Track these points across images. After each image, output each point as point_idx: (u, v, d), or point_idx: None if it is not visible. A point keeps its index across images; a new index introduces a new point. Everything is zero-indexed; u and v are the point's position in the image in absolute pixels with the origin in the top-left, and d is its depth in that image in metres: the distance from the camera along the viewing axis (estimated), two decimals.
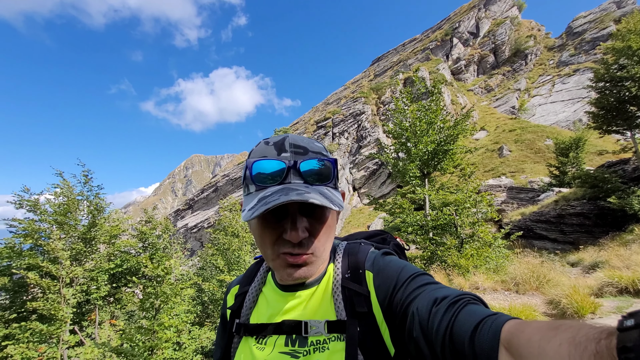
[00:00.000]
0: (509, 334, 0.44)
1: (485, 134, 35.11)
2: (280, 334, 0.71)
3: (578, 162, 19.06)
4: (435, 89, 10.85)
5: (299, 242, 0.66)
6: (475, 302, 0.55)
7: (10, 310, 7.36)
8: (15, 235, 7.69)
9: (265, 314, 0.76)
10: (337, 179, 0.73)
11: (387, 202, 11.32)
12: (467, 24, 52.66)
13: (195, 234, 44.45)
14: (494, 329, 0.46)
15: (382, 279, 0.70)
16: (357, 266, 0.75)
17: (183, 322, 5.85)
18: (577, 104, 34.68)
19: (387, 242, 0.96)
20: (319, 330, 0.68)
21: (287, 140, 0.70)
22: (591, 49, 41.58)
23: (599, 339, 0.33)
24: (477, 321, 0.49)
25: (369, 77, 57.83)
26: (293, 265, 0.67)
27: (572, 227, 13.28)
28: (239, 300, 0.82)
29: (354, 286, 0.71)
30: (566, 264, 9.94)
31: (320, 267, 0.74)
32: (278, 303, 0.75)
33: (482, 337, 0.47)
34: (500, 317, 0.48)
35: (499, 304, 5.05)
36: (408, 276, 0.66)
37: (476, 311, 0.52)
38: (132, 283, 8.99)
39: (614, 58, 13.31)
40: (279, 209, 0.66)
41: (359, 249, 0.80)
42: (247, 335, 0.75)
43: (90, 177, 9.01)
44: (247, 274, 0.89)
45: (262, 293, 0.81)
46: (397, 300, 0.64)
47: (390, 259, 0.75)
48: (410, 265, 0.71)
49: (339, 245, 0.83)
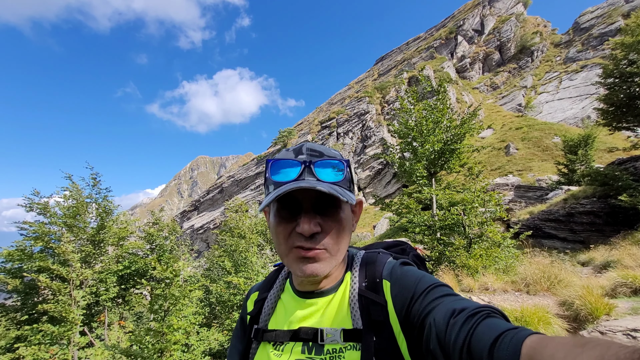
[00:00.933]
0: (531, 349, 0.42)
1: (492, 132, 34.79)
2: (297, 340, 0.72)
3: (587, 159, 18.78)
4: (441, 88, 10.76)
5: (310, 236, 0.67)
6: (495, 315, 0.54)
7: (21, 312, 7.47)
8: (26, 237, 7.79)
9: (283, 320, 0.77)
10: (352, 183, 0.76)
11: (393, 202, 11.26)
12: (472, 22, 52.26)
13: (201, 235, 44.73)
14: (515, 344, 0.44)
15: (400, 288, 0.69)
16: (375, 275, 0.75)
17: (191, 323, 5.87)
18: (585, 101, 34.21)
19: (407, 252, 0.96)
20: (335, 338, 0.68)
21: (305, 146, 0.74)
22: (599, 45, 41.01)
23: (631, 359, 0.31)
24: (496, 335, 0.47)
25: (373, 76, 57.68)
26: (305, 259, 0.68)
27: (582, 225, 13.08)
28: (258, 306, 0.83)
29: (371, 295, 0.71)
30: (577, 263, 9.78)
31: (335, 269, 0.75)
32: (295, 310, 0.76)
33: (501, 352, 0.45)
34: (521, 331, 0.47)
35: (510, 305, 4.97)
36: (426, 287, 0.66)
37: (496, 324, 0.50)
38: (140, 285, 9.07)
39: (623, 53, 13.08)
40: (294, 205, 0.69)
41: (377, 258, 0.80)
42: (265, 341, 0.76)
43: (99, 180, 9.11)
44: (267, 280, 0.90)
45: (281, 300, 0.82)
46: (414, 311, 0.64)
47: (409, 269, 0.74)
48: (428, 276, 0.70)
49: (356, 254, 0.83)
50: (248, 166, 47.59)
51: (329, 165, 0.70)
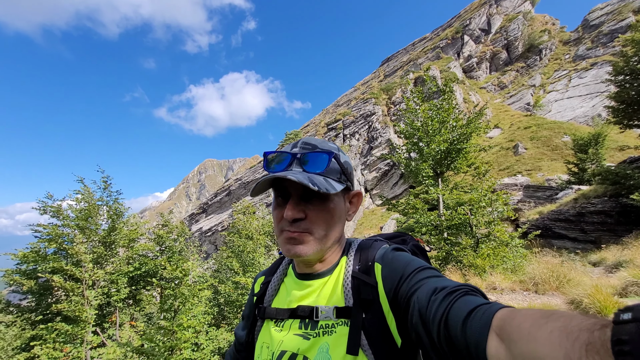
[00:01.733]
0: (501, 321, 0.45)
1: (500, 132, 34.41)
2: (295, 318, 0.80)
3: (598, 158, 18.46)
4: (447, 88, 10.73)
5: (293, 220, 0.75)
6: (473, 293, 0.57)
7: (36, 312, 7.65)
8: (40, 240, 7.98)
9: (285, 300, 0.85)
10: (344, 173, 0.82)
11: (400, 203, 11.25)
12: (478, 21, 51.85)
13: (209, 237, 45.08)
14: (486, 316, 0.48)
15: (390, 270, 0.74)
16: (367, 259, 0.81)
17: (201, 323, 5.96)
18: (595, 99, 33.63)
19: (407, 243, 1.00)
20: (328, 315, 0.75)
21: (302, 140, 0.83)
22: (609, 42, 40.30)
23: (592, 330, 0.33)
24: (470, 308, 0.51)
25: (378, 77, 57.60)
26: (290, 240, 0.76)
27: (593, 225, 12.86)
28: (264, 288, 0.92)
29: (363, 276, 0.77)
30: (587, 263, 9.63)
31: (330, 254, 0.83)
32: (295, 291, 0.84)
33: (474, 323, 0.48)
34: (493, 305, 0.50)
35: (518, 304, 4.94)
36: (414, 269, 0.70)
37: (472, 300, 0.54)
38: (150, 285, 9.21)
39: (634, 50, 12.86)
40: (286, 193, 0.78)
41: (372, 244, 0.86)
42: (268, 318, 0.85)
43: (110, 183, 9.28)
44: (272, 266, 0.99)
45: (284, 282, 0.91)
46: (402, 291, 0.68)
47: (400, 253, 0.79)
48: (417, 260, 0.75)
49: (354, 242, 0.89)
50: (255, 169, 47.89)
51: (315, 157, 0.77)
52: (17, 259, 7.67)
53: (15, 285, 7.75)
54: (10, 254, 7.70)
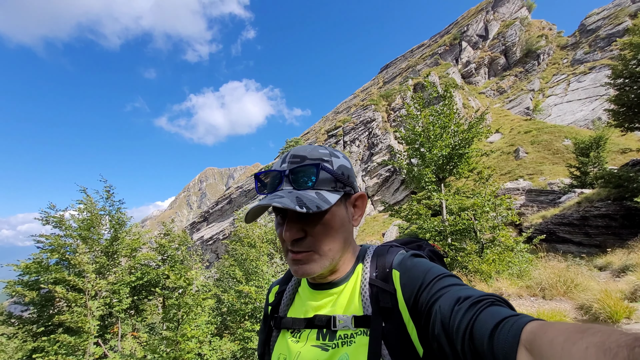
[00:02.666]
0: (531, 334, 0.43)
1: (500, 137, 34.44)
2: (312, 327, 0.77)
3: (600, 161, 18.41)
4: (447, 93, 10.78)
5: (294, 241, 0.73)
6: (499, 303, 0.55)
7: (38, 324, 7.58)
8: (42, 250, 7.95)
9: (301, 310, 0.83)
10: (339, 180, 0.77)
11: (402, 209, 11.20)
12: (476, 27, 52.38)
13: (211, 245, 44.91)
14: (515, 329, 0.46)
15: (409, 278, 0.72)
16: (385, 265, 0.78)
17: (204, 333, 5.88)
18: (595, 102, 33.74)
19: (423, 248, 0.98)
20: (346, 324, 0.72)
21: (290, 152, 0.79)
22: (607, 46, 40.61)
23: (632, 346, 0.31)
24: (497, 320, 0.49)
25: (378, 84, 57.98)
26: (296, 261, 0.74)
27: (597, 229, 12.77)
28: (278, 298, 0.90)
29: (381, 284, 0.74)
30: (593, 267, 9.53)
31: (342, 263, 0.80)
32: (311, 300, 0.81)
33: (502, 336, 0.46)
34: (522, 317, 0.48)
35: (526, 310, 4.88)
36: (434, 276, 0.68)
37: (498, 311, 0.52)
38: (152, 295, 9.13)
39: (632, 53, 12.94)
40: (283, 211, 0.76)
41: (388, 250, 0.84)
42: (284, 328, 0.82)
43: (112, 193, 9.28)
44: (286, 274, 0.97)
45: (298, 292, 0.88)
46: (422, 299, 0.66)
47: (419, 260, 0.77)
48: (437, 266, 0.73)
49: (369, 248, 0.87)
50: None
51: (303, 172, 0.74)
52: (19, 270, 7.63)
53: (17, 297, 7.69)
54: (12, 265, 7.66)
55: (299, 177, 0.74)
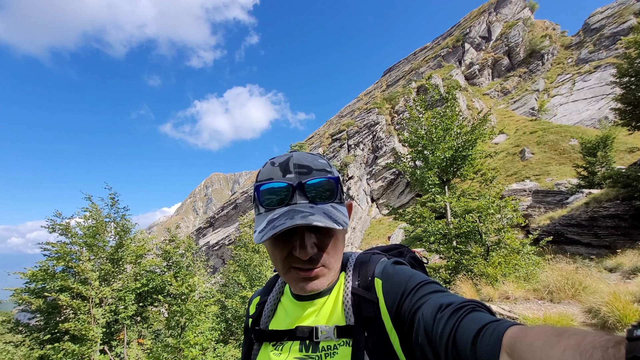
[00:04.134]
0: (512, 339, 0.44)
1: (505, 138, 34.15)
2: (294, 339, 0.75)
3: (607, 161, 18.13)
4: (449, 95, 10.74)
5: (309, 259, 0.69)
6: (480, 310, 0.56)
7: (44, 331, 7.63)
8: (49, 258, 8.03)
9: (283, 322, 0.80)
10: (342, 193, 0.77)
11: (407, 212, 11.12)
12: (478, 29, 52.25)
13: (216, 251, 45.01)
14: (496, 335, 0.46)
15: (391, 286, 0.71)
16: (367, 274, 0.77)
17: (208, 339, 5.87)
18: (601, 101, 33.34)
19: (404, 255, 0.97)
20: (329, 335, 0.71)
21: (292, 161, 0.73)
22: (611, 45, 40.21)
23: (606, 347, 0.32)
24: (479, 326, 0.50)
25: (381, 87, 58.02)
26: (306, 280, 0.71)
27: (606, 229, 12.53)
28: (259, 309, 0.87)
29: (363, 293, 0.73)
30: (603, 269, 9.33)
31: (333, 277, 0.76)
32: (294, 311, 0.79)
33: (484, 343, 0.47)
34: (503, 322, 0.49)
35: (533, 314, 4.78)
36: (416, 284, 0.67)
37: (480, 317, 0.52)
38: (158, 302, 9.15)
39: (638, 51, 12.78)
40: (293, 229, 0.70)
41: (370, 258, 0.83)
42: (266, 341, 0.80)
43: (117, 200, 9.36)
44: (267, 285, 0.94)
45: (281, 302, 0.86)
46: (405, 307, 0.65)
47: (400, 267, 0.76)
48: (419, 274, 0.72)
49: (351, 256, 0.86)
50: None
51: (320, 186, 0.70)
52: (26, 278, 7.70)
53: (24, 305, 7.76)
54: (19, 273, 7.74)
55: (317, 191, 0.69)
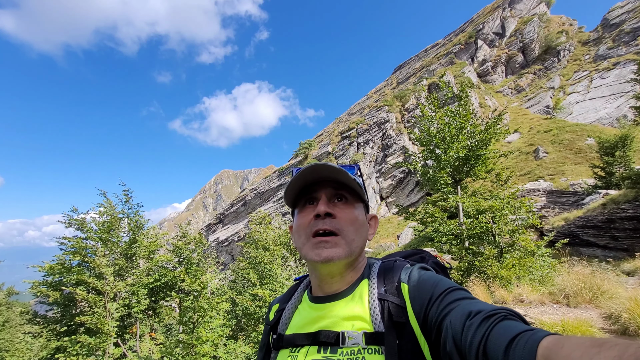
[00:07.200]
0: (547, 350, 0.42)
1: (519, 136, 33.46)
2: (316, 344, 0.73)
3: (626, 161, 17.56)
4: (462, 93, 10.55)
5: (326, 215, 0.76)
6: (511, 318, 0.54)
7: (61, 323, 7.84)
8: (65, 252, 8.23)
9: (300, 326, 0.80)
10: (365, 191, 0.86)
11: (417, 211, 11.00)
12: (492, 25, 51.18)
13: (226, 247, 45.51)
14: (531, 344, 0.44)
15: (418, 291, 0.71)
16: (393, 280, 0.77)
17: (219, 336, 5.93)
18: (620, 99, 32.34)
19: (426, 260, 0.98)
20: (356, 341, 0.69)
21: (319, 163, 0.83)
22: (632, 40, 38.93)
23: None
24: (512, 336, 0.48)
25: (391, 85, 57.49)
26: (322, 244, 0.74)
27: (624, 232, 12.18)
28: (278, 316, 0.88)
29: (391, 298, 0.72)
30: (621, 272, 9.09)
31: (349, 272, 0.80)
32: (311, 315, 0.79)
33: (517, 353, 0.45)
34: (537, 332, 0.47)
35: (549, 319, 4.67)
36: (443, 290, 0.66)
37: (512, 326, 0.50)
38: (169, 297, 9.30)
39: None
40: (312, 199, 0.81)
41: (394, 265, 0.83)
42: (283, 347, 0.79)
43: (131, 196, 9.51)
44: (287, 292, 0.96)
45: (298, 309, 0.86)
46: (432, 313, 0.64)
47: (427, 273, 0.76)
48: (446, 280, 0.71)
49: (373, 264, 0.86)
50: (270, 178, 48.28)
51: (341, 170, 0.79)
52: (43, 271, 7.92)
53: (42, 297, 7.99)
54: (37, 266, 7.97)
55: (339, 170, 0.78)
